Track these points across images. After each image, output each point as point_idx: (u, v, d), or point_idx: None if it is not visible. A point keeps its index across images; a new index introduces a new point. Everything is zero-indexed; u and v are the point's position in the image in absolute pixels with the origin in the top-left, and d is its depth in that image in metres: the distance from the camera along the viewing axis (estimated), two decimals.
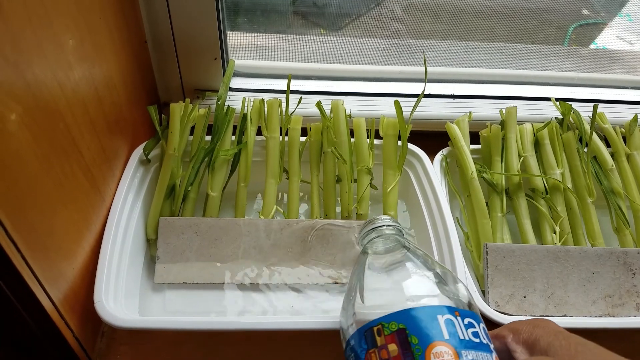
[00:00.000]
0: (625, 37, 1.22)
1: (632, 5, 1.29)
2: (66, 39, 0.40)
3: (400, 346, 0.30)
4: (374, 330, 0.32)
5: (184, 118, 0.54)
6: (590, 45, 1.20)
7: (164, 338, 0.50)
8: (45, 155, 0.38)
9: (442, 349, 0.29)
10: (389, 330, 0.31)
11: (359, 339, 0.32)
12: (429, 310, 0.31)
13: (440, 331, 0.30)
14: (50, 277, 0.40)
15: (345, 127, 0.57)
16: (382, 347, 0.30)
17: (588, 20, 1.24)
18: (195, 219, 0.53)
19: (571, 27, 1.22)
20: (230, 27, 0.66)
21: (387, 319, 0.31)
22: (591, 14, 1.24)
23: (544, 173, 0.60)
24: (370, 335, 0.32)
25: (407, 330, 0.30)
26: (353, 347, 0.33)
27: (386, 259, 0.38)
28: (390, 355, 0.30)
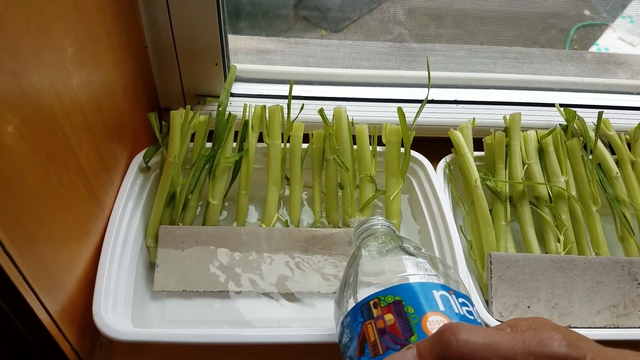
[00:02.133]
0: (627, 39, 1.22)
1: (634, 7, 1.28)
2: (65, 46, 0.40)
3: (396, 316, 0.30)
4: (370, 304, 0.32)
5: (185, 125, 0.53)
6: (592, 47, 1.19)
7: (164, 349, 0.49)
8: (42, 166, 0.37)
9: (438, 318, 0.29)
10: (385, 302, 0.31)
11: (354, 315, 0.33)
12: (424, 285, 0.32)
13: (435, 303, 0.30)
14: (48, 289, 0.39)
15: (348, 134, 0.56)
16: (379, 318, 0.31)
17: (590, 22, 1.23)
18: (195, 228, 0.52)
19: (573, 29, 1.21)
20: (231, 31, 0.65)
21: (383, 293, 0.32)
22: (593, 16, 1.24)
23: (548, 181, 0.59)
24: (366, 308, 0.32)
25: (403, 301, 0.31)
26: (348, 324, 0.33)
27: (380, 249, 0.39)
28: (386, 325, 0.30)
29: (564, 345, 0.21)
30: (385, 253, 0.38)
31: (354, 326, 0.32)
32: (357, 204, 0.56)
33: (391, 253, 0.37)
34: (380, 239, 0.40)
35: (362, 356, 0.30)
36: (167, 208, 0.53)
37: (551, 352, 0.21)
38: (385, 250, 0.38)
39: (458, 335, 0.23)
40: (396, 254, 0.37)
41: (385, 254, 0.38)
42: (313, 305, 0.51)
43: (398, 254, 0.36)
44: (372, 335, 0.30)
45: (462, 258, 0.50)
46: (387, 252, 0.38)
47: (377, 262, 0.37)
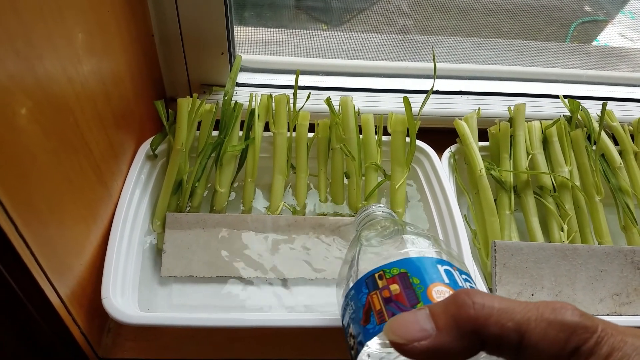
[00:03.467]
0: (628, 34, 1.22)
1: (634, 2, 1.28)
2: (76, 32, 0.40)
3: (402, 286, 0.30)
4: (375, 276, 0.32)
5: (192, 113, 0.54)
6: (593, 43, 1.20)
7: (171, 334, 0.50)
8: (54, 150, 0.37)
9: (443, 289, 0.30)
10: (390, 274, 0.32)
11: (359, 287, 0.33)
12: (428, 259, 0.32)
13: (440, 275, 0.31)
14: (59, 272, 0.39)
15: (355, 123, 0.56)
16: (384, 288, 0.31)
17: (590, 18, 1.23)
18: (202, 215, 0.52)
19: (573, 24, 1.21)
20: (237, 22, 0.65)
21: (388, 266, 0.32)
22: (594, 11, 1.24)
23: (552, 171, 0.60)
24: (371, 280, 0.32)
25: (408, 273, 0.31)
26: (353, 296, 0.33)
27: (381, 233, 0.39)
28: (392, 294, 0.30)
29: (577, 315, 0.22)
30: (387, 235, 0.38)
31: (359, 297, 0.32)
32: (362, 193, 0.57)
33: (394, 235, 0.38)
34: (381, 223, 0.41)
35: (368, 324, 0.30)
36: (174, 195, 0.54)
37: (564, 319, 0.21)
38: (388, 232, 0.38)
39: (474, 298, 0.23)
40: (399, 234, 0.37)
41: (387, 236, 0.38)
42: (319, 292, 0.52)
43: (400, 234, 0.37)
44: (378, 304, 0.30)
45: (467, 246, 0.51)
46: (390, 234, 0.38)
47: (380, 243, 0.37)
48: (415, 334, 0.23)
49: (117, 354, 0.49)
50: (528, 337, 0.21)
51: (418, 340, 0.23)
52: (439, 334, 0.23)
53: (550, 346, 0.21)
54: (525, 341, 0.22)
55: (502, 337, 0.22)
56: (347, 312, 0.33)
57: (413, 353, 0.23)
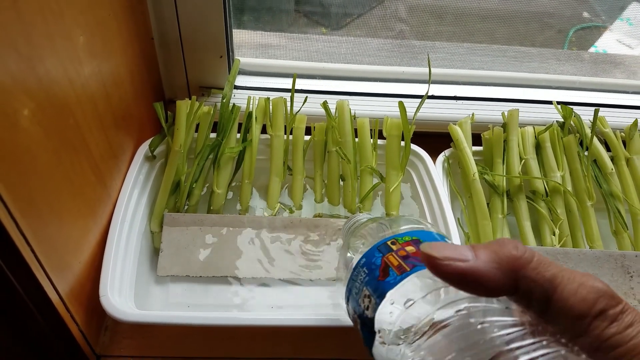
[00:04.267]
0: (625, 41, 1.23)
1: (632, 9, 1.30)
2: (77, 34, 0.41)
3: (417, 247, 0.30)
4: (388, 243, 0.32)
5: (190, 115, 0.55)
6: (590, 49, 1.21)
7: (168, 332, 0.51)
8: (55, 151, 0.38)
9: None
10: (403, 240, 0.31)
11: (371, 254, 0.32)
12: (434, 233, 0.33)
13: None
14: (58, 270, 0.40)
15: (350, 127, 0.57)
16: (400, 249, 0.31)
17: (589, 24, 1.25)
18: (199, 215, 0.53)
19: (571, 31, 1.23)
20: (236, 25, 0.66)
21: (400, 235, 0.32)
22: (591, 18, 1.25)
23: (545, 176, 0.61)
24: (384, 247, 0.32)
25: (420, 239, 0.31)
26: (365, 263, 0.32)
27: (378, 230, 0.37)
28: (408, 253, 0.30)
29: (606, 285, 0.22)
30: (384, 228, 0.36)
31: (372, 261, 0.31)
32: (358, 195, 0.58)
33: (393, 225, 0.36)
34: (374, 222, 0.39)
35: (387, 277, 0.29)
36: (171, 195, 0.54)
37: (595, 284, 0.22)
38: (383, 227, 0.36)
39: (517, 244, 0.23)
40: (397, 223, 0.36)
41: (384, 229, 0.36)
42: (315, 292, 0.52)
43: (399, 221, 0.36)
44: (396, 261, 0.30)
45: None
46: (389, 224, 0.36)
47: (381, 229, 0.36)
48: (453, 254, 0.23)
49: (113, 352, 0.49)
50: (560, 291, 0.22)
51: (454, 260, 0.23)
52: (478, 261, 0.23)
53: (580, 303, 0.22)
54: (557, 294, 0.22)
55: (536, 283, 0.22)
56: (357, 280, 0.32)
57: (446, 271, 0.23)
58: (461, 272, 0.23)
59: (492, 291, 0.23)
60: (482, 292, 0.23)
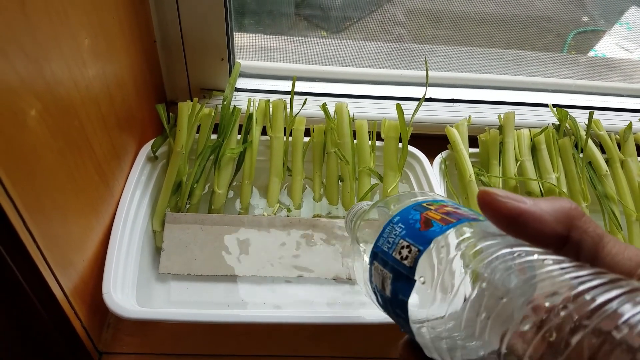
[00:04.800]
0: (624, 45, 1.24)
1: (631, 13, 1.31)
2: (82, 36, 0.42)
3: (455, 207, 0.28)
4: (423, 204, 0.29)
5: (192, 117, 0.56)
6: (590, 53, 1.22)
7: (169, 329, 0.52)
8: (60, 150, 0.39)
9: None
10: (437, 204, 0.29)
11: (407, 212, 0.29)
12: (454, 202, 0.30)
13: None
14: (62, 267, 0.41)
15: (349, 129, 0.58)
16: (438, 208, 0.28)
17: (587, 28, 1.26)
18: (200, 215, 0.54)
19: (570, 35, 1.24)
20: (237, 29, 0.67)
21: (429, 200, 0.30)
22: (590, 22, 1.26)
23: (540, 177, 0.62)
24: (419, 207, 0.29)
25: (451, 204, 0.29)
26: (400, 220, 0.29)
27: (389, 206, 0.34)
28: (449, 210, 0.28)
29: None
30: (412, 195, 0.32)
31: (410, 217, 0.28)
32: (356, 196, 0.59)
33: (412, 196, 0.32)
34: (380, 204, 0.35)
35: (430, 228, 0.27)
36: (173, 195, 0.55)
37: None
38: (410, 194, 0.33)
39: (571, 203, 0.24)
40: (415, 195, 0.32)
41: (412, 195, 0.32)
42: (314, 290, 0.53)
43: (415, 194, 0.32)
44: (437, 215, 0.27)
45: None
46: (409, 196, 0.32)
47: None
48: (512, 195, 0.24)
49: (116, 349, 0.50)
50: (609, 248, 0.23)
51: (515, 200, 0.23)
52: (535, 205, 0.23)
53: (627, 261, 0.22)
54: (606, 250, 0.23)
55: (588, 235, 0.23)
56: (389, 238, 0.28)
57: (505, 208, 0.23)
58: (519, 212, 0.23)
59: (546, 237, 0.23)
60: (536, 237, 0.23)
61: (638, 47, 1.24)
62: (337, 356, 0.51)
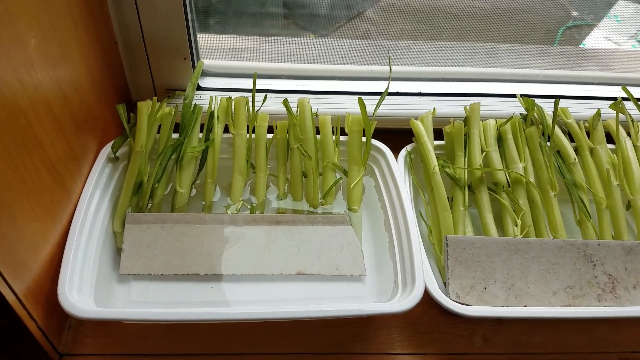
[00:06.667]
0: (614, 38, 1.24)
1: (619, 6, 1.30)
2: (28, 37, 0.42)
3: None
4: None
5: (152, 116, 0.56)
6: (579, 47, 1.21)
7: (130, 330, 0.51)
8: (5, 149, 0.39)
9: None
10: None
11: None
12: None
13: None
14: (13, 269, 0.41)
15: (312, 124, 0.58)
16: None
17: (576, 22, 1.25)
18: (161, 215, 0.54)
19: (560, 30, 1.23)
20: (204, 29, 0.67)
21: None
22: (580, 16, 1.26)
23: (507, 167, 0.61)
24: None
25: None
26: None
27: None
28: None
29: None
30: None
31: None
32: (320, 191, 0.58)
33: None
34: None
35: None
36: (134, 196, 0.55)
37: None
38: None
39: None
40: None
41: None
42: (277, 287, 0.53)
43: None
44: None
45: (417, 242, 0.52)
46: None
47: None
48: None
49: (77, 350, 0.50)
50: None
51: None
52: None
53: None
54: None
55: None
56: None
57: None
58: None
59: None
60: None
61: (627, 39, 1.24)
62: (298, 352, 0.51)
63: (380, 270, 0.55)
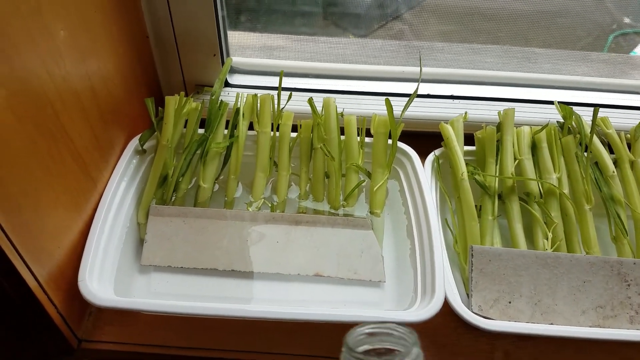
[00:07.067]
0: None
1: None
2: (57, 29, 0.43)
3: None
4: None
5: (179, 111, 0.56)
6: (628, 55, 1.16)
7: (147, 321, 0.52)
8: (30, 137, 0.40)
9: None
10: None
11: None
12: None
13: None
14: (35, 255, 0.42)
15: (336, 124, 0.57)
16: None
17: (628, 30, 1.20)
18: (184, 208, 0.54)
19: (610, 37, 1.18)
20: (234, 27, 0.68)
21: None
22: (632, 24, 1.21)
23: (540, 177, 0.59)
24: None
25: None
26: None
27: None
28: None
29: None
30: None
31: None
32: (342, 192, 0.58)
33: None
34: None
35: None
36: (159, 189, 0.56)
37: None
38: None
39: None
40: None
41: None
42: (294, 286, 0.52)
43: None
44: None
45: (440, 250, 0.50)
46: None
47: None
48: None
49: (95, 337, 0.51)
50: None
51: None
52: None
53: None
54: None
55: None
56: None
57: None
58: None
59: None
60: None
61: None
62: (311, 355, 0.50)
63: (400, 277, 0.54)
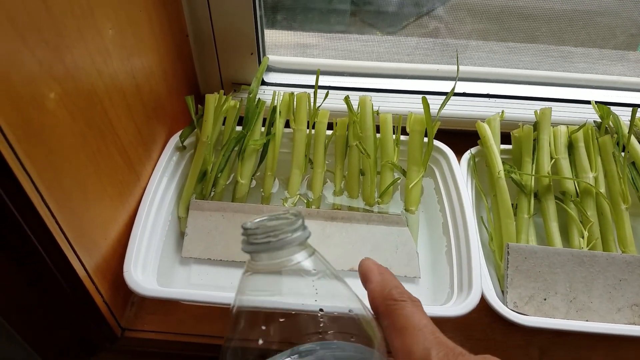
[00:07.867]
0: None
1: None
2: (106, 28, 0.44)
3: None
4: None
5: (218, 108, 0.58)
6: None
7: (188, 311, 0.53)
8: (81, 133, 0.42)
9: None
10: None
11: None
12: None
13: None
14: (84, 246, 0.44)
15: (372, 122, 0.58)
16: None
17: None
18: (223, 203, 0.56)
19: None
20: (272, 25, 0.69)
21: None
22: None
23: (577, 176, 0.58)
24: None
25: None
26: None
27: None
28: None
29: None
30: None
31: None
32: (377, 190, 0.58)
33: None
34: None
35: None
36: (198, 184, 0.57)
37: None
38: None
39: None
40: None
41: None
42: None
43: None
44: None
45: (476, 248, 0.51)
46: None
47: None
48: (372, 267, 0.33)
49: (137, 326, 0.53)
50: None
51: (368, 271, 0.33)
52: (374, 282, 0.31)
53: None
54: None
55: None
56: None
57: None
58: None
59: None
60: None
61: None
62: None
63: (435, 274, 0.54)
